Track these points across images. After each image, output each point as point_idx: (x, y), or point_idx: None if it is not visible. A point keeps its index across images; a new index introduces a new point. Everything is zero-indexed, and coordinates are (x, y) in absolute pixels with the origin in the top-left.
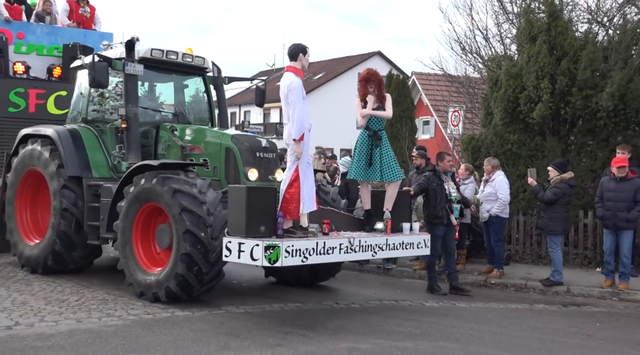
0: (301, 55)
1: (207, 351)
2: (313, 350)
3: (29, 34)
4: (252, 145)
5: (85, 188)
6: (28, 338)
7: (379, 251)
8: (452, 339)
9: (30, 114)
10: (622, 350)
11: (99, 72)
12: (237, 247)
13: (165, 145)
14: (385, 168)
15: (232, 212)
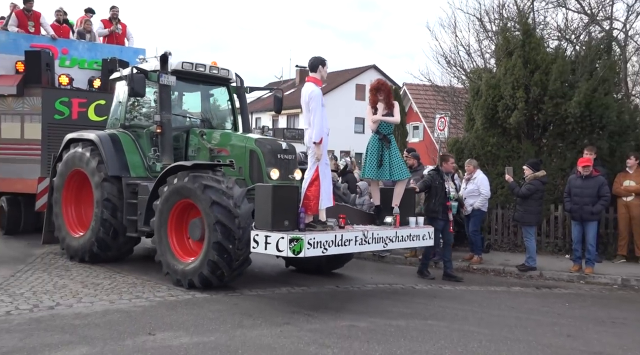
0: (320, 67)
1: (224, 328)
2: (316, 327)
3: (72, 49)
4: (273, 148)
5: (124, 186)
6: (67, 317)
7: (390, 242)
8: (439, 318)
9: (73, 120)
10: (588, 326)
11: (137, 83)
12: (264, 239)
13: (195, 148)
14: (394, 168)
15: (259, 208)
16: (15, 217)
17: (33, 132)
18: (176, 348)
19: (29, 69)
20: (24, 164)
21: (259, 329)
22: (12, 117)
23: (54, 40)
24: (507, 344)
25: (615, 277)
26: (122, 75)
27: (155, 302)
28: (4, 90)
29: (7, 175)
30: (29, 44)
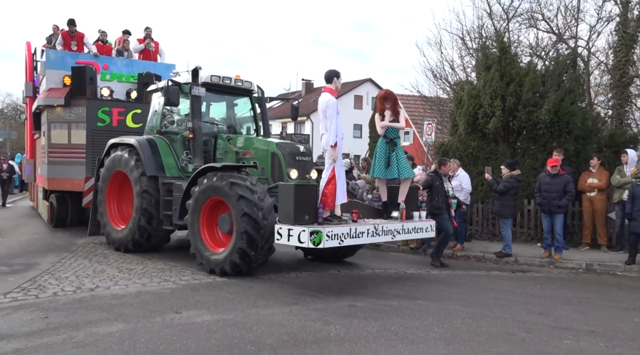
0: (335, 78)
1: (241, 308)
2: (321, 307)
3: (111, 65)
4: (292, 151)
5: (160, 185)
6: (106, 297)
7: (397, 234)
8: (427, 298)
9: (113, 127)
10: (557, 305)
11: (172, 94)
12: (287, 232)
13: (222, 151)
14: (401, 167)
15: (282, 204)
16: (63, 212)
17: (79, 138)
18: (199, 324)
19: (75, 82)
20: (71, 166)
21: (270, 308)
22: (61, 125)
23: (96, 57)
24: (486, 320)
25: (580, 262)
26: (158, 87)
27: (181, 285)
28: (54, 101)
29: (57, 176)
30: (75, 61)
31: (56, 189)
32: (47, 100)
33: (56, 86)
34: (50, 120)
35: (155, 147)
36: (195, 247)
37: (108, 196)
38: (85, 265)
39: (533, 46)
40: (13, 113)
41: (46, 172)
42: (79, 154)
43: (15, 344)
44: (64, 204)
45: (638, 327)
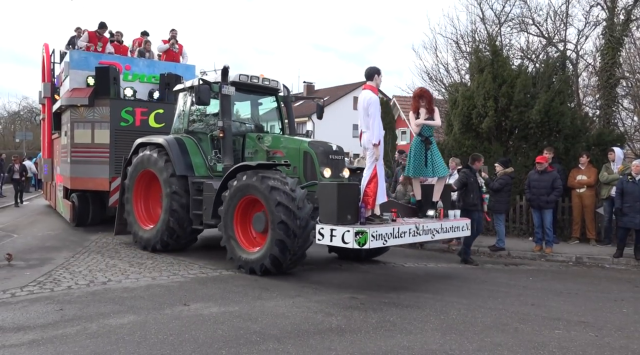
0: (376, 75)
1: (246, 300)
2: (322, 299)
3: (133, 66)
4: (325, 149)
5: (190, 184)
6: (117, 290)
7: (436, 234)
8: (424, 290)
9: (136, 127)
10: (548, 296)
11: (203, 93)
12: (329, 232)
13: (252, 150)
14: (436, 166)
15: (323, 204)
16: (84, 211)
17: (102, 137)
18: (207, 316)
19: (99, 82)
20: (94, 165)
21: (275, 300)
22: (84, 125)
23: (119, 57)
24: (481, 311)
25: (570, 255)
26: (185, 86)
27: (189, 278)
28: (78, 101)
29: (80, 175)
30: (98, 61)
31: (79, 188)
32: (71, 100)
33: (79, 86)
34: (73, 120)
35: (184, 146)
36: (231, 249)
37: (135, 196)
38: (98, 259)
39: (524, 49)
40: (29, 115)
41: (69, 171)
42: (102, 154)
43: (32, 335)
44: (85, 203)
45: (626, 318)
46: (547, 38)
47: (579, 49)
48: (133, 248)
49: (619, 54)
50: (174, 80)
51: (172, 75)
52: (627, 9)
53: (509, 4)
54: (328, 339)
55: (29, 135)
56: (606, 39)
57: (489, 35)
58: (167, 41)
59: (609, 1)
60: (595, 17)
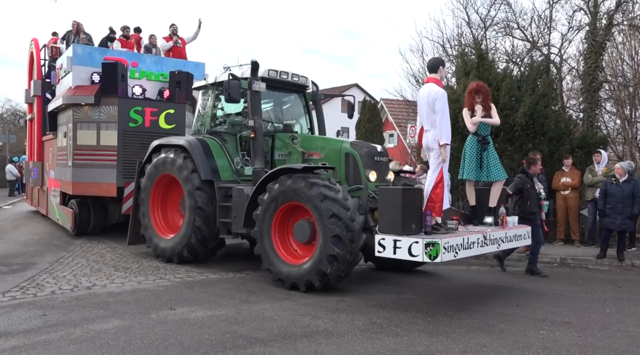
0: (441, 67)
1: (233, 303)
2: (310, 302)
3: (141, 62)
4: (370, 151)
5: (216, 190)
6: (102, 295)
7: (501, 243)
8: (411, 292)
9: (145, 128)
10: (533, 297)
11: (233, 90)
12: (392, 244)
13: (285, 151)
14: (492, 169)
15: (384, 211)
16: (84, 218)
17: (109, 139)
18: (193, 320)
19: (106, 79)
20: (99, 169)
21: (262, 303)
22: (89, 125)
23: (125, 53)
24: (467, 312)
25: (555, 256)
26: (208, 83)
27: (175, 282)
28: (82, 100)
29: (83, 180)
30: (103, 57)
31: (82, 194)
32: (74, 98)
33: (83, 83)
34: (76, 120)
35: (208, 148)
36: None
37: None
38: (82, 264)
39: (509, 53)
40: (12, 118)
41: (69, 175)
42: (108, 157)
43: (14, 342)
44: (85, 210)
45: (609, 318)
46: (532, 42)
47: (562, 53)
48: (118, 252)
49: (601, 58)
50: (185, 79)
51: (183, 73)
52: (609, 14)
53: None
54: (315, 341)
55: (12, 138)
56: (589, 43)
57: (475, 39)
58: (169, 38)
59: (592, 6)
60: (578, 21)
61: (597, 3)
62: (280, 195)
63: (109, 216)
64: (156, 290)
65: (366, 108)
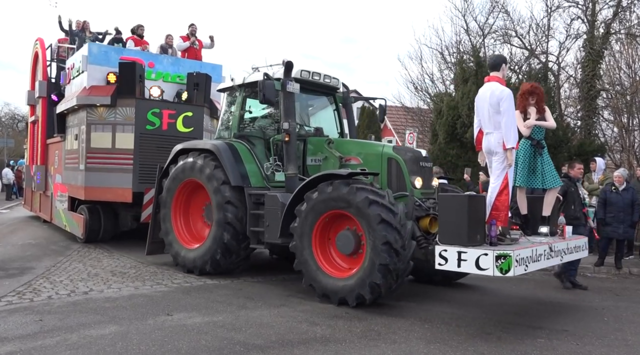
0: (503, 65)
1: (230, 310)
2: (307, 308)
3: (157, 63)
4: (415, 155)
5: (247, 197)
6: (99, 300)
7: (564, 255)
8: (409, 299)
9: (163, 131)
10: (531, 305)
11: (268, 90)
12: (456, 255)
13: (320, 156)
14: (547, 175)
15: (446, 221)
16: (94, 225)
17: (125, 142)
18: (190, 326)
19: (123, 79)
20: (114, 173)
21: (259, 310)
22: (104, 127)
23: (141, 53)
24: (465, 320)
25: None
26: (235, 85)
27: (172, 288)
28: (98, 101)
29: (96, 184)
30: (119, 57)
31: (95, 199)
32: (89, 98)
33: (98, 83)
34: (90, 122)
35: (237, 152)
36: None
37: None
38: (79, 269)
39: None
40: (11, 122)
41: (81, 180)
42: (124, 160)
43: (10, 347)
44: (95, 217)
45: (607, 326)
46: (530, 50)
47: (560, 60)
48: (116, 257)
49: (599, 66)
50: (204, 80)
51: (201, 75)
52: (606, 23)
53: (493, 16)
54: (312, 348)
55: (10, 142)
56: (587, 52)
57: (473, 46)
58: (186, 38)
59: (589, 15)
60: (576, 30)
61: (594, 12)
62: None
63: (120, 223)
64: (153, 296)
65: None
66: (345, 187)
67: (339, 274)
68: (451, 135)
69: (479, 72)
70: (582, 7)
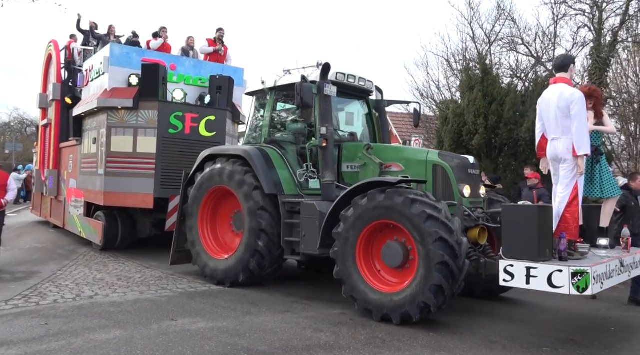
0: (572, 66)
1: (234, 315)
2: (312, 315)
3: (179, 66)
4: (462, 162)
5: (281, 205)
6: (104, 305)
7: (631, 270)
8: None
9: (185, 135)
10: (537, 315)
11: (306, 93)
12: (524, 271)
13: (358, 163)
14: (606, 184)
15: (512, 233)
16: (112, 232)
17: (147, 146)
18: (194, 332)
19: (146, 82)
20: (135, 178)
21: (263, 316)
22: (125, 130)
23: (163, 55)
24: (470, 328)
25: None
26: (266, 88)
27: (177, 293)
28: (120, 103)
29: (116, 190)
30: (140, 58)
31: (114, 204)
32: (110, 101)
33: (119, 86)
34: (111, 125)
35: (269, 158)
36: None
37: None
38: (85, 273)
39: (513, 68)
40: (19, 126)
41: (100, 185)
42: (146, 165)
43: (15, 350)
44: (113, 223)
45: (613, 336)
46: (536, 57)
47: None
48: (121, 261)
49: (606, 75)
50: (227, 84)
51: (224, 78)
52: (613, 31)
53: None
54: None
55: (18, 147)
56: (593, 60)
57: (479, 54)
58: (213, 42)
59: (596, 23)
60: (582, 38)
61: (601, 20)
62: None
63: (138, 230)
64: (158, 301)
65: None
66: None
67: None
68: (457, 143)
69: (485, 79)
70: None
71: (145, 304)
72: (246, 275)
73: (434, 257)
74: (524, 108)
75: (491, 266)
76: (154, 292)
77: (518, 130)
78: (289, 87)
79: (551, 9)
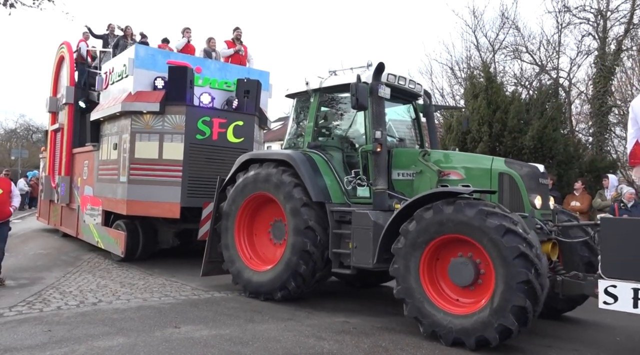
0: None
1: (238, 323)
2: (315, 323)
3: (204, 68)
4: (532, 171)
5: (329, 214)
6: (108, 312)
7: None
8: None
9: (213, 141)
10: (543, 323)
11: (361, 94)
12: (631, 293)
13: (414, 170)
14: None
15: (611, 249)
16: (132, 242)
17: (173, 152)
18: (197, 339)
19: (173, 85)
20: (161, 186)
21: (266, 323)
22: (150, 136)
23: (189, 57)
24: None
25: None
26: (310, 89)
27: (180, 300)
28: (145, 107)
29: (140, 198)
30: (165, 61)
31: (138, 214)
32: (136, 105)
33: (144, 89)
34: (135, 130)
35: (314, 164)
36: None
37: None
38: (89, 280)
39: (517, 76)
40: (25, 133)
41: (123, 193)
42: (172, 172)
43: None
44: (134, 233)
45: (619, 345)
46: (540, 66)
47: (571, 77)
48: (125, 268)
49: (610, 83)
50: (255, 87)
51: (252, 81)
52: (617, 39)
53: (503, 32)
54: None
55: (24, 153)
56: (598, 68)
57: (483, 62)
58: (231, 44)
59: (601, 32)
60: (587, 46)
61: (605, 28)
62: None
63: (160, 240)
64: (161, 308)
65: None
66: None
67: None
68: (461, 150)
69: (489, 87)
70: (593, 24)
71: (148, 311)
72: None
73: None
74: (528, 116)
75: (569, 285)
76: (157, 299)
77: (522, 138)
78: (337, 88)
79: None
